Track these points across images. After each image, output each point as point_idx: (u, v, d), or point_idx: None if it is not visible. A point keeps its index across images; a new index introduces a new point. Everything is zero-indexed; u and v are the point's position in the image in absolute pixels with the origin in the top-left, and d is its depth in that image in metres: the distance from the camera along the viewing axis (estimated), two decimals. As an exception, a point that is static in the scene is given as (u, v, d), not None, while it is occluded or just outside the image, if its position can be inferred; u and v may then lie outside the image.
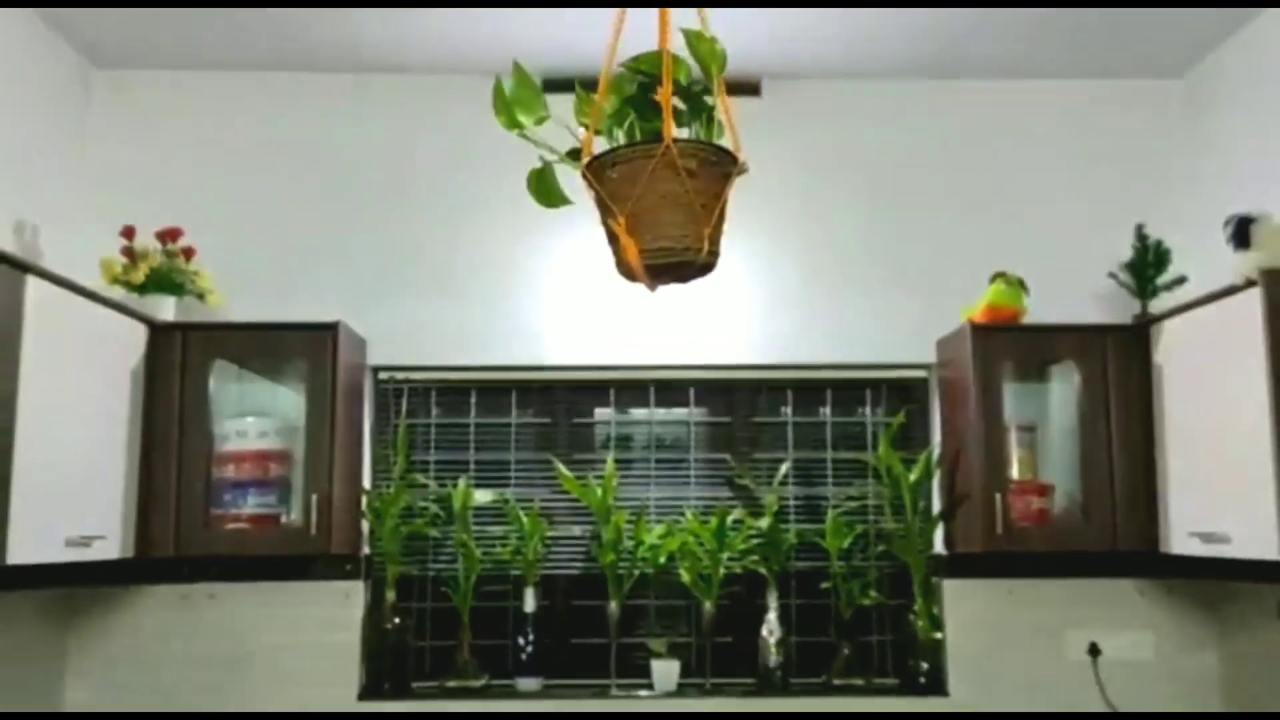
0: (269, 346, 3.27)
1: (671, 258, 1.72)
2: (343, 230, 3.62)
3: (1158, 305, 3.36)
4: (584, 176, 1.79)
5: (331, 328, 3.21)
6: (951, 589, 3.49)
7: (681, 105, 1.82)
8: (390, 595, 3.43)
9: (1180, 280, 3.31)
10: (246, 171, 3.63)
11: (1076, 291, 3.56)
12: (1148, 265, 3.32)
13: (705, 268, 1.77)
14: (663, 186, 1.67)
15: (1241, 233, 2.60)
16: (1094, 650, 3.43)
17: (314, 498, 3.12)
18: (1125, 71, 3.67)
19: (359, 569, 3.47)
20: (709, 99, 1.83)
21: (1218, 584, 3.40)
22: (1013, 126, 3.72)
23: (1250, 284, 2.61)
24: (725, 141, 1.84)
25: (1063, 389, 3.48)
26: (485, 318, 3.60)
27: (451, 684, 3.43)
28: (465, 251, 3.63)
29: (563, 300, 3.62)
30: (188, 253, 3.37)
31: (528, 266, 3.63)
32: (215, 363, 3.23)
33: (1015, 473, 3.28)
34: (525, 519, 3.49)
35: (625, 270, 1.79)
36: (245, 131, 3.65)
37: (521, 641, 3.45)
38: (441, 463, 3.66)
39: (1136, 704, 3.40)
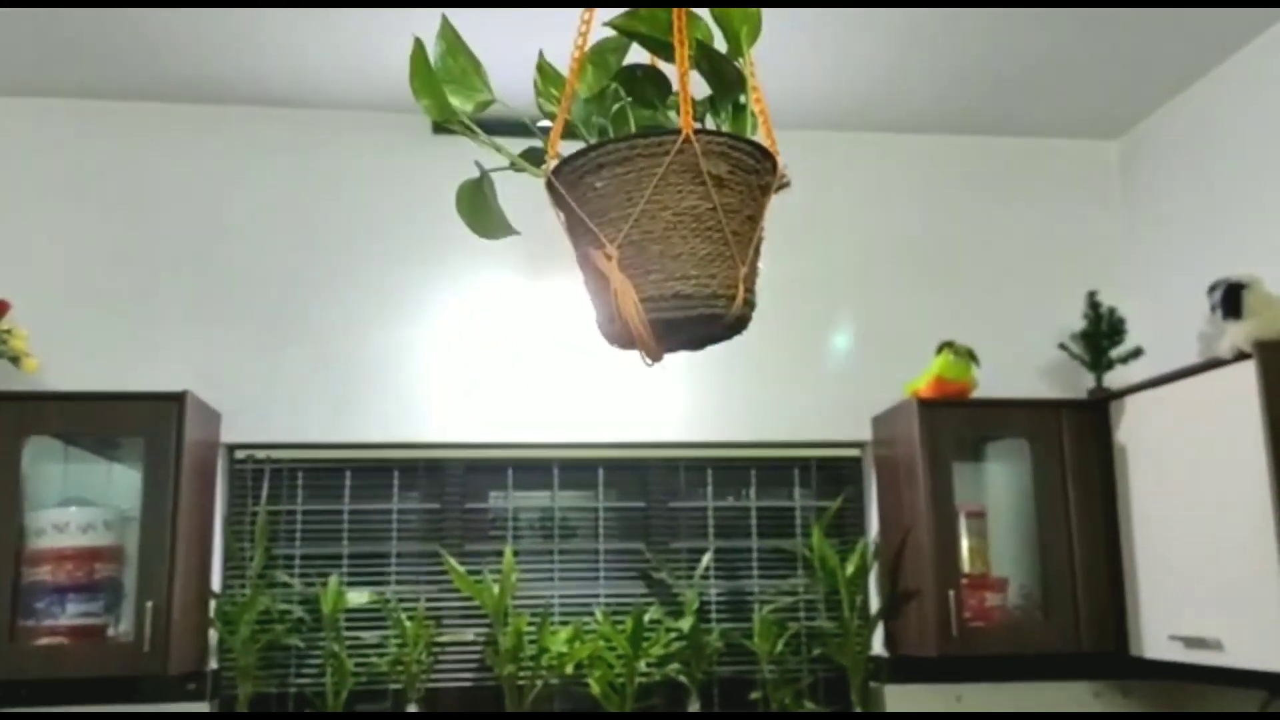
0: (99, 420, 2.70)
1: (690, 309, 1.17)
2: (192, 287, 3.10)
3: (1110, 379, 3.09)
4: (549, 188, 1.25)
5: (177, 398, 2.69)
6: (894, 696, 3.11)
7: (703, 82, 1.25)
8: (243, 719, 2.87)
9: (1136, 353, 3.06)
10: (73, 216, 3.08)
11: (1019, 364, 3.29)
12: (1102, 336, 3.05)
13: (738, 324, 1.25)
14: (677, 201, 1.12)
15: (1231, 300, 2.33)
16: (1049, 762, 3.09)
17: (149, 605, 2.57)
18: (1059, 131, 3.45)
19: (204, 688, 2.90)
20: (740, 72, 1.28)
21: (1179, 686, 3.10)
22: (947, 183, 3.45)
23: (1243, 356, 2.33)
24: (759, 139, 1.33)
25: (1009, 470, 3.18)
26: (361, 387, 3.11)
27: (316, 825, 2.88)
28: (338, 310, 3.15)
29: (452, 367, 3.16)
30: None
31: (412, 328, 3.16)
32: (30, 440, 2.66)
33: (965, 565, 2.94)
34: (408, 623, 2.98)
35: (615, 330, 1.24)
36: (73, 170, 3.11)
37: (402, 770, 2.92)
38: (309, 558, 3.12)
39: (1095, 821, 3.07)
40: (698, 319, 1.19)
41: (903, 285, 3.36)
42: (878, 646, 3.15)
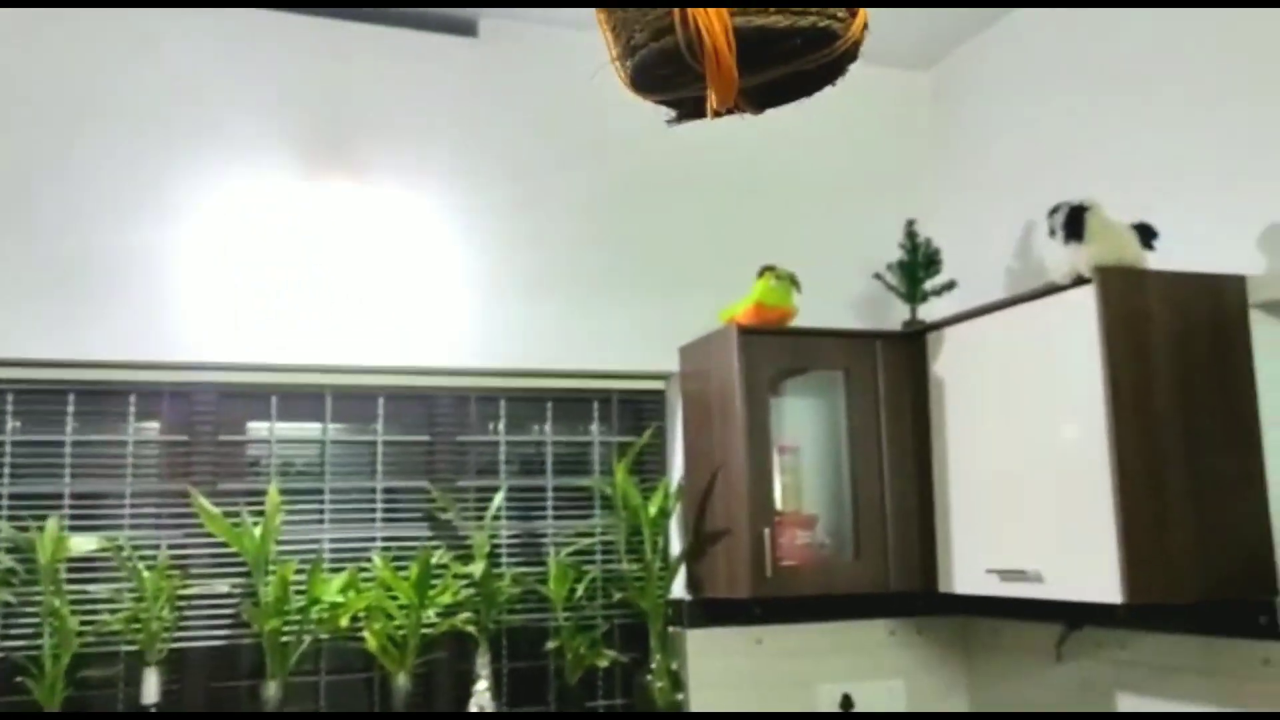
0: None
1: (799, 16, 0.87)
2: None
3: (922, 313, 3.01)
4: None
5: None
6: (695, 641, 2.94)
7: None
8: (-70, 693, 2.34)
9: (950, 285, 2.99)
10: None
11: (829, 295, 3.14)
12: (918, 266, 2.97)
13: (847, 57, 0.96)
14: None
15: (1074, 223, 2.25)
16: (846, 703, 3.01)
17: None
18: (871, 59, 3.32)
19: (-122, 657, 2.35)
20: None
21: (975, 622, 3.10)
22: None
23: (1081, 281, 2.26)
24: None
25: (819, 404, 3.05)
26: (91, 295, 2.61)
27: (27, 816, 2.39)
28: (64, 201, 2.61)
29: (206, 276, 2.69)
30: None
31: (158, 228, 2.67)
32: None
33: (779, 503, 2.79)
34: (146, 573, 2.53)
35: (661, 49, 0.89)
36: None
37: (137, 745, 2.48)
38: (20, 497, 2.59)
39: (889, 761, 3.02)
40: (806, 32, 0.87)
41: (715, 210, 3.15)
42: (678, 590, 2.97)
